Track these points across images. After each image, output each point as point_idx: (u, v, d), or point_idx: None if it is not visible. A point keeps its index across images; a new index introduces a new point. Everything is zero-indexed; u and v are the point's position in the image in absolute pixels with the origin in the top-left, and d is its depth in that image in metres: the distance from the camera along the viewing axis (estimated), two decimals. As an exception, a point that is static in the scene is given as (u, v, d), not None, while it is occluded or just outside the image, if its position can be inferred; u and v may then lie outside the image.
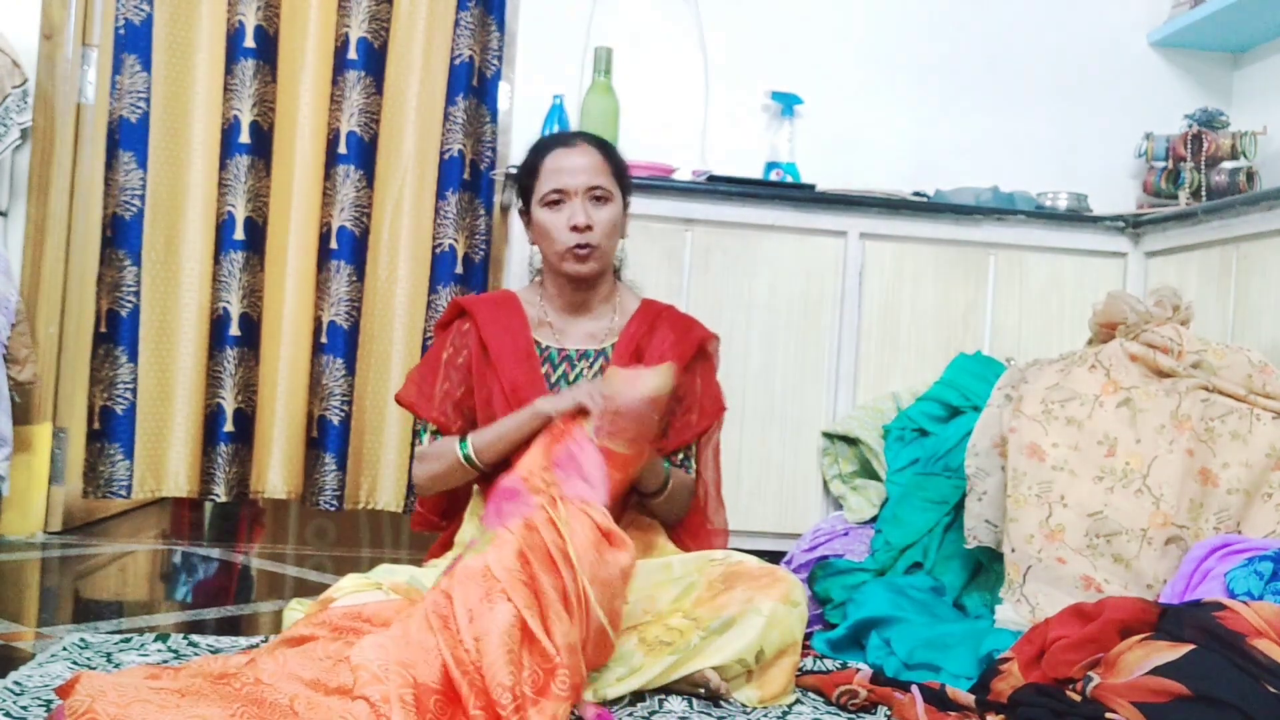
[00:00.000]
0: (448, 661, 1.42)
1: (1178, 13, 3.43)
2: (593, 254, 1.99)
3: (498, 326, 2.02)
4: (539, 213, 2.00)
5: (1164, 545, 2.04)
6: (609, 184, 2.01)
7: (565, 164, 1.99)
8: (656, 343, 2.03)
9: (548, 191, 1.98)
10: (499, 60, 3.26)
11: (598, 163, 2.01)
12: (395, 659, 1.41)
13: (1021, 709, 1.57)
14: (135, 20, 3.03)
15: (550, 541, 1.56)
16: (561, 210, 1.98)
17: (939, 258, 3.03)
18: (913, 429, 2.77)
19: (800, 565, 2.55)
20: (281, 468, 3.18)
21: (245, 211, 3.14)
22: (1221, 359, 2.20)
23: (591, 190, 1.98)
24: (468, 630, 1.45)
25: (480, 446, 1.93)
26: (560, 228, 1.97)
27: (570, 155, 2.00)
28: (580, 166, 1.99)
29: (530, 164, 2.04)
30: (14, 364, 2.74)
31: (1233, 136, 3.12)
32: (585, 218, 1.96)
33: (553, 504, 1.61)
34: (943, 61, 3.46)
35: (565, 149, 2.01)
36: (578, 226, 1.95)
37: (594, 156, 2.01)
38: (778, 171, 3.20)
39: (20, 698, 1.57)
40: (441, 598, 1.51)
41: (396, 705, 1.36)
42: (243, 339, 3.15)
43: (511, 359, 1.98)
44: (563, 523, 1.59)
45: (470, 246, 3.21)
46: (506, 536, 1.57)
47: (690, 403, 2.04)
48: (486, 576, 1.51)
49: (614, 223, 2.01)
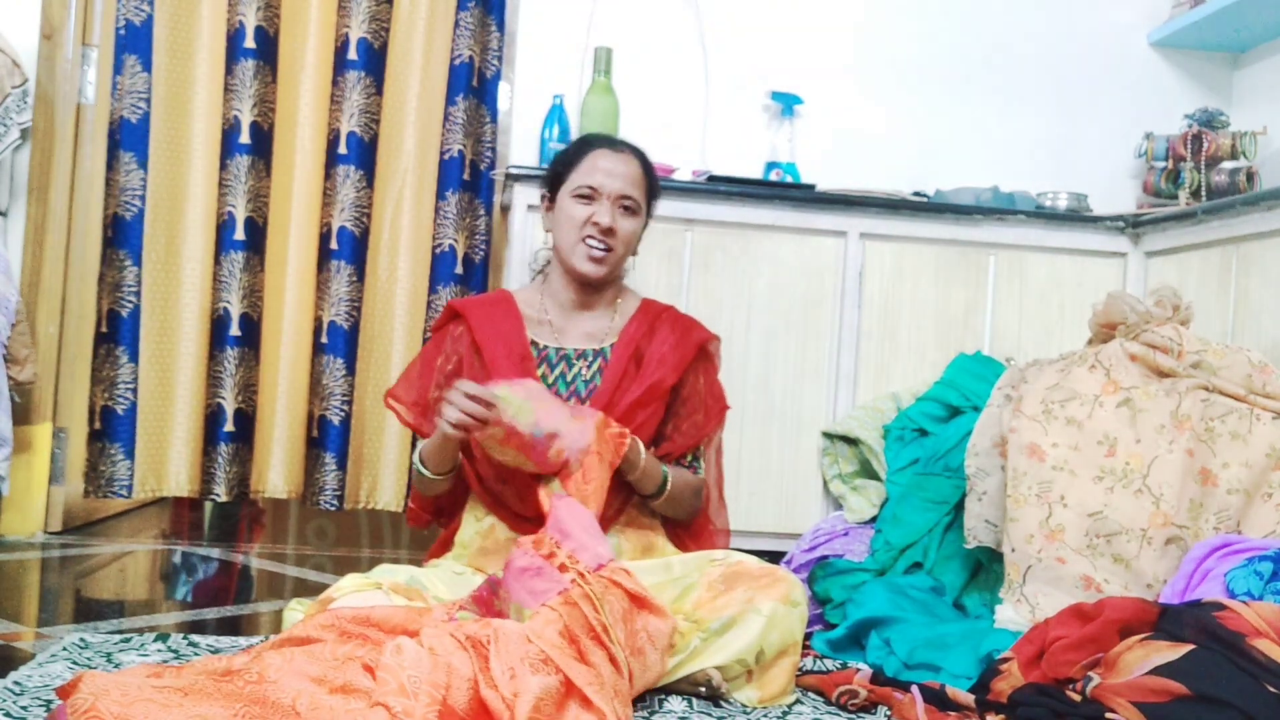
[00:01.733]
0: (486, 697, 1.40)
1: (1178, 13, 3.43)
2: (607, 258, 2.01)
3: (491, 328, 2.02)
4: (566, 201, 2.02)
5: (1164, 545, 2.04)
6: (640, 198, 2.04)
7: (606, 165, 2.01)
8: (656, 345, 2.03)
9: (582, 185, 2.00)
10: (499, 60, 3.26)
11: (637, 175, 2.04)
12: (426, 677, 1.38)
13: (1021, 709, 1.57)
14: (135, 20, 3.03)
15: (590, 617, 1.55)
16: (589, 206, 2.00)
17: (939, 258, 3.03)
18: (913, 429, 2.77)
19: (800, 565, 2.55)
20: (282, 467, 3.18)
21: (245, 211, 3.14)
22: (1221, 359, 2.20)
23: (623, 199, 2.01)
24: (505, 683, 1.42)
25: (425, 454, 1.95)
26: (584, 220, 1.99)
27: (614, 159, 2.02)
28: (620, 173, 2.01)
29: (571, 155, 2.06)
30: (14, 364, 2.74)
31: (1233, 136, 3.12)
32: (610, 220, 1.99)
33: (583, 578, 1.59)
34: (943, 61, 3.46)
35: (611, 151, 2.04)
36: (600, 225, 1.98)
37: (634, 168, 2.04)
38: (777, 171, 3.20)
39: (20, 698, 1.57)
40: (481, 633, 1.48)
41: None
42: (243, 339, 3.15)
43: (505, 360, 1.98)
44: (598, 598, 1.57)
45: (470, 246, 3.21)
46: (549, 614, 1.54)
47: (695, 404, 2.04)
48: (529, 643, 1.48)
49: (635, 236, 2.05)
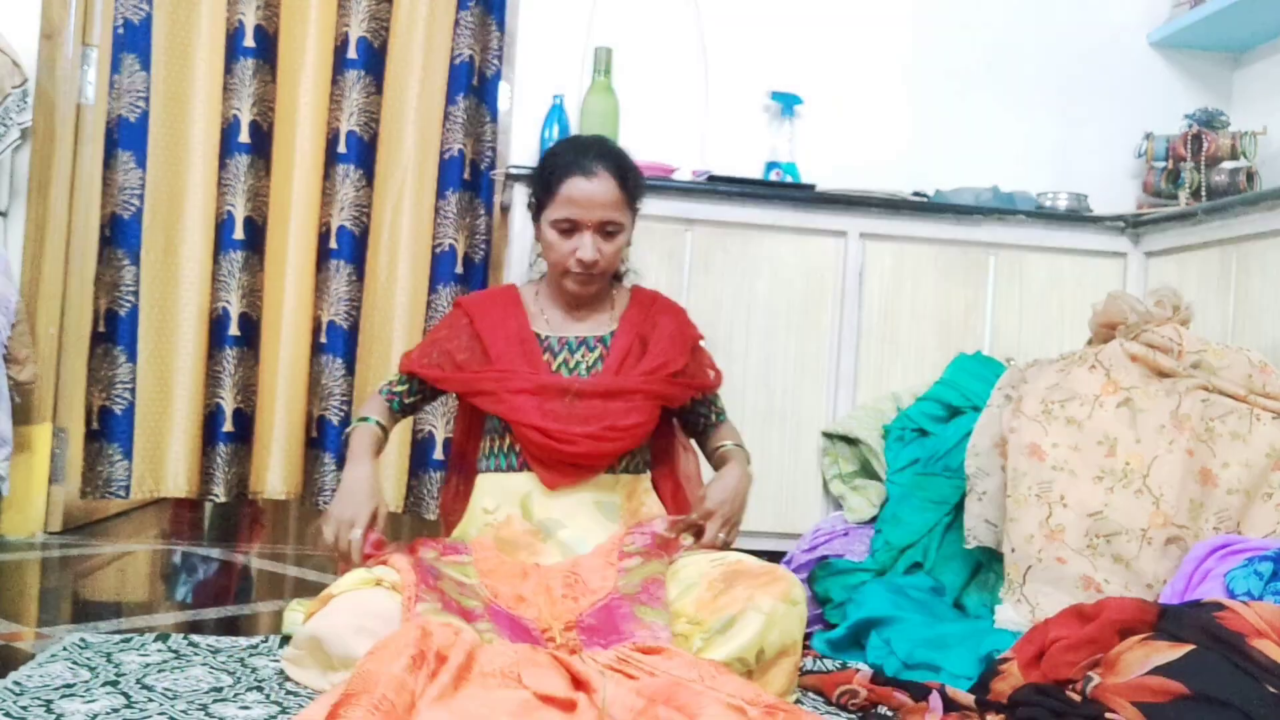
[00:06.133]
0: None
1: (1178, 13, 3.43)
2: (594, 280, 2.03)
3: (493, 318, 2.06)
4: (548, 230, 2.00)
5: (1164, 545, 2.04)
6: (622, 216, 2.01)
7: (582, 195, 1.96)
8: (659, 333, 2.07)
9: (560, 219, 1.98)
10: (499, 60, 3.25)
11: (613, 195, 1.98)
12: None
13: (1021, 709, 1.57)
14: (134, 20, 3.03)
15: None
16: (571, 239, 1.98)
17: (939, 258, 3.03)
18: (913, 429, 2.77)
19: (800, 565, 2.55)
20: (281, 468, 3.18)
21: (245, 211, 3.13)
22: (1221, 359, 2.20)
23: (603, 224, 1.98)
24: None
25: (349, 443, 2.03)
26: (567, 253, 1.98)
27: (589, 187, 1.96)
28: (597, 200, 1.96)
29: (546, 181, 2.01)
30: (14, 364, 2.74)
31: (1233, 136, 3.12)
32: (593, 253, 1.97)
33: None
34: (942, 61, 3.46)
35: (584, 178, 1.97)
36: (583, 260, 1.97)
37: (610, 188, 1.98)
38: (777, 171, 3.20)
39: (20, 698, 1.57)
40: None
41: None
42: (242, 339, 3.15)
43: (504, 342, 2.02)
44: None
45: (470, 246, 3.21)
46: None
47: (695, 369, 2.10)
48: None
49: (621, 247, 2.04)
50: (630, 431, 1.96)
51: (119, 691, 1.62)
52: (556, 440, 1.92)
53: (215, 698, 1.63)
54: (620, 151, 2.06)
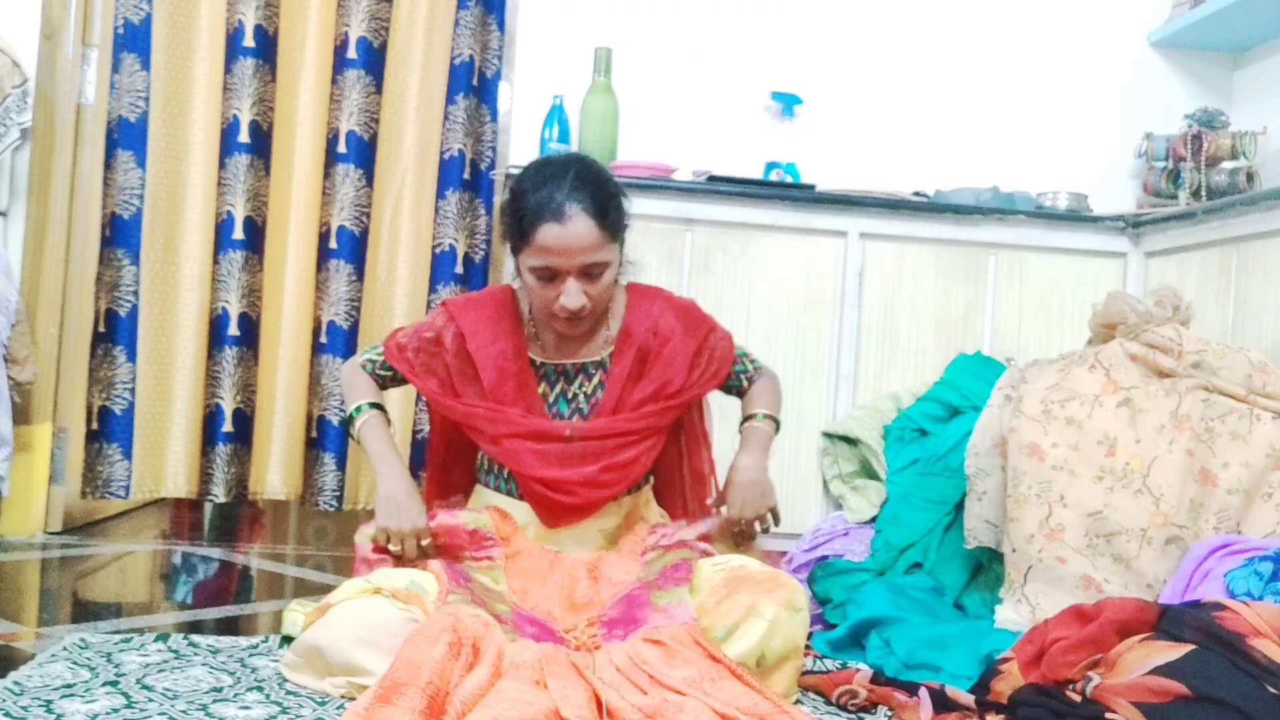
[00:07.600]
0: None
1: (1178, 13, 3.43)
2: (584, 322, 1.89)
3: (484, 338, 1.95)
4: (527, 275, 1.85)
5: (1164, 545, 2.04)
6: (605, 254, 1.83)
7: (557, 243, 1.78)
8: (659, 341, 1.96)
9: (537, 266, 1.82)
10: (499, 60, 3.25)
11: (592, 238, 1.80)
12: None
13: (1021, 709, 1.57)
14: (134, 19, 3.03)
15: None
16: (553, 285, 1.83)
17: (939, 258, 3.03)
18: (913, 429, 2.77)
19: (800, 565, 2.55)
20: (281, 468, 3.18)
21: (244, 211, 3.13)
22: (1221, 359, 2.20)
23: (586, 269, 1.82)
24: None
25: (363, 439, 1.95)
26: (549, 300, 1.85)
27: (563, 233, 1.78)
28: (573, 246, 1.79)
29: (518, 225, 1.83)
30: (14, 364, 2.74)
31: (1233, 136, 3.12)
32: (578, 300, 1.82)
33: None
34: (942, 61, 3.46)
35: (558, 224, 1.78)
36: (567, 309, 1.83)
37: (588, 228, 1.79)
38: (778, 171, 3.20)
39: (20, 698, 1.57)
40: None
41: None
42: (242, 339, 3.15)
43: (496, 372, 1.92)
44: None
45: (470, 246, 3.21)
46: None
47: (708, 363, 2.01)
48: None
49: (609, 284, 1.87)
50: (629, 469, 1.92)
51: (119, 691, 1.62)
52: (553, 491, 1.88)
53: (215, 698, 1.63)
54: (595, 175, 1.86)
